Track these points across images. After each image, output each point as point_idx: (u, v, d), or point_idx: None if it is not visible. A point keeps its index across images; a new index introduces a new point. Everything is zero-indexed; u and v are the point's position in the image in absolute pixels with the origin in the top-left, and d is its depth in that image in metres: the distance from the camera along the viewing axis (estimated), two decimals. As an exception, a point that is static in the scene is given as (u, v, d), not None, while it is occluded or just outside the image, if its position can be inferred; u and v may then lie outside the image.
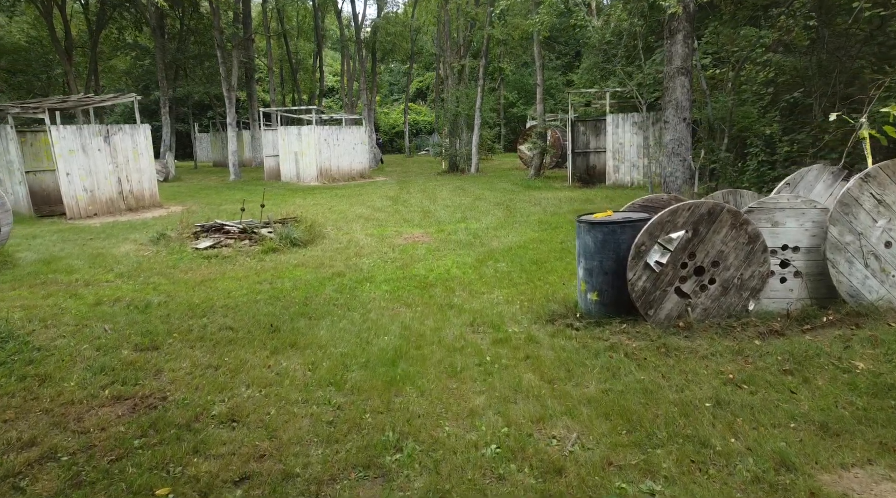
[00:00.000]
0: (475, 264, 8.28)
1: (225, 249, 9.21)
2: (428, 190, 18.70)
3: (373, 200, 16.34)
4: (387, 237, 10.48)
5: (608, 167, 17.86)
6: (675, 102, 10.30)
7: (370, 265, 8.45)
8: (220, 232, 9.87)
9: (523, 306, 6.25)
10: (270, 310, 6.32)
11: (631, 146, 17.49)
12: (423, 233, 10.80)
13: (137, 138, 15.06)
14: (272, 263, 8.67)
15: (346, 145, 23.68)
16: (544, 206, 13.86)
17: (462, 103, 25.51)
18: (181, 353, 5.09)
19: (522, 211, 13.25)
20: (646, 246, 5.10)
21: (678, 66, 10.22)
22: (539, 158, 21.64)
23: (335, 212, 14.09)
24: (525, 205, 14.30)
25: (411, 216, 13.09)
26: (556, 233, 10.28)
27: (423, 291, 7.06)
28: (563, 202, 14.56)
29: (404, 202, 15.76)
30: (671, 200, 6.00)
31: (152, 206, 15.44)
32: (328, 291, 7.08)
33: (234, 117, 23.83)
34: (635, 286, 5.13)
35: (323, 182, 22.43)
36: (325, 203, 15.98)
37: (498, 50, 41.69)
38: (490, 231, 10.71)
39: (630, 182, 17.58)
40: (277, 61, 44.26)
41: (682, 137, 10.33)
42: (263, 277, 7.81)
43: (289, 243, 9.50)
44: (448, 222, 12.02)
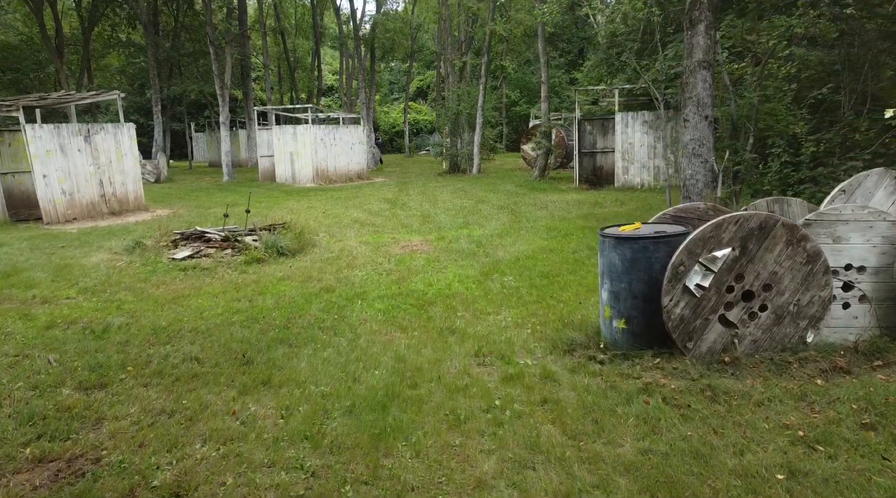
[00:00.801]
0: (479, 278, 7.46)
1: (204, 260, 8.41)
2: (428, 192, 17.88)
3: (370, 203, 15.52)
4: (383, 245, 9.67)
5: (617, 168, 17.04)
6: (696, 99, 9.48)
7: (363, 278, 7.64)
8: (200, 240, 9.06)
9: (535, 331, 5.44)
10: (245, 335, 5.51)
11: (641, 146, 16.67)
12: (422, 240, 9.99)
13: (121, 138, 14.26)
14: (255, 275, 7.86)
15: (343, 145, 22.87)
16: (551, 211, 13.04)
17: (463, 102, 24.69)
18: (132, 393, 4.28)
19: (528, 215, 12.43)
20: (685, 266, 4.28)
21: (699, 60, 9.39)
22: (544, 159, 20.82)
23: (329, 216, 13.28)
24: (531, 209, 13.48)
25: (410, 221, 12.27)
26: (566, 241, 9.46)
27: (420, 310, 6.24)
28: (570, 206, 13.74)
29: (403, 205, 14.95)
30: (709, 211, 5.18)
31: (137, 210, 14.64)
32: (314, 311, 6.27)
33: (228, 116, 23.02)
34: (672, 314, 4.31)
35: (319, 183, 21.63)
36: (319, 206, 15.17)
37: (500, 47, 40.89)
38: (494, 238, 9.89)
39: (640, 184, 16.76)
40: (275, 59, 43.47)
41: (704, 137, 9.51)
42: (243, 293, 7.00)
43: (275, 253, 8.69)
44: (449, 228, 11.21)
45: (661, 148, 16.52)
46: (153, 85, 25.13)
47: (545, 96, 20.82)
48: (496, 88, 40.17)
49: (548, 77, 20.91)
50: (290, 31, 42.59)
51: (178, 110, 37.60)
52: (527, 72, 43.00)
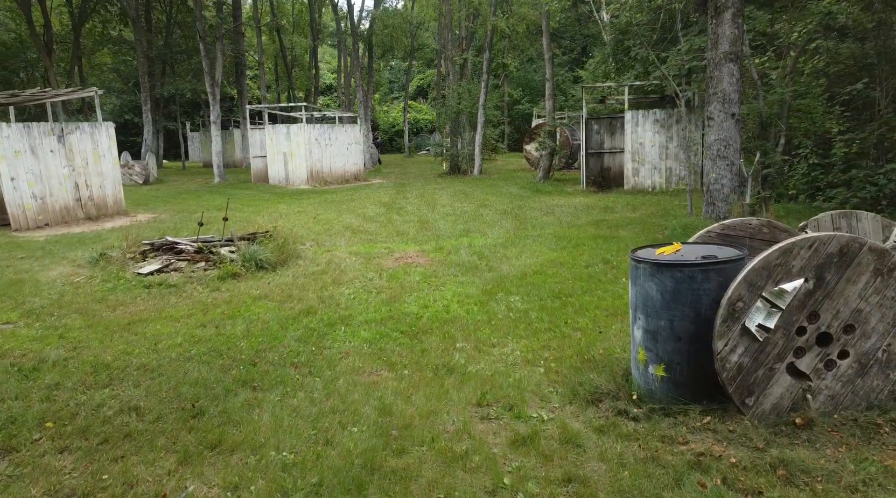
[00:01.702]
0: (482, 297, 6.55)
1: (173, 275, 7.50)
2: (427, 195, 16.97)
3: (365, 207, 14.61)
4: (375, 257, 8.76)
5: (626, 169, 16.11)
6: (722, 95, 8.57)
7: (350, 298, 6.73)
8: (171, 252, 8.16)
9: (550, 370, 4.53)
10: (203, 374, 4.60)
11: (652, 146, 15.75)
12: (418, 251, 9.07)
13: (99, 138, 13.36)
14: (228, 293, 6.95)
15: (339, 145, 21.97)
16: (559, 216, 12.12)
17: (464, 100, 23.77)
18: (41, 463, 3.37)
19: (534, 222, 11.51)
20: (744, 302, 3.37)
21: (726, 51, 8.48)
22: (548, 160, 19.90)
23: (320, 222, 12.37)
24: (536, 214, 12.57)
25: (406, 228, 11.36)
26: (577, 252, 8.54)
27: (413, 340, 5.33)
28: (579, 210, 12.82)
29: (400, 210, 14.03)
30: (762, 228, 4.26)
31: (116, 215, 13.74)
32: (289, 341, 5.36)
33: (219, 115, 22.12)
34: (727, 362, 3.40)
35: (314, 185, 20.73)
36: (311, 210, 14.26)
37: (502, 44, 39.93)
38: (498, 249, 8.97)
39: (651, 186, 15.83)
40: (272, 57, 42.57)
41: (730, 137, 8.60)
42: (210, 317, 6.09)
43: (254, 266, 7.78)
44: (448, 236, 10.29)
45: (673, 148, 15.61)
46: (142, 83, 24.24)
47: (550, 94, 19.90)
48: (498, 87, 39.22)
49: (553, 74, 19.99)
50: (288, 29, 41.71)
51: (174, 109, 36.71)
52: (529, 70, 42.06)
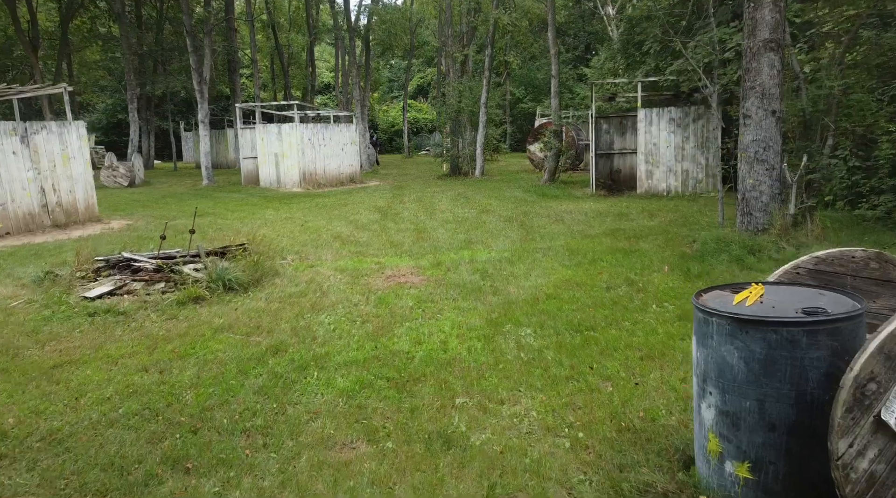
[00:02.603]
0: (486, 330, 5.47)
1: (126, 299, 6.43)
2: (425, 199, 15.89)
3: (358, 213, 13.53)
4: (363, 274, 7.67)
5: (639, 172, 15.02)
6: (761, 89, 7.47)
7: (329, 329, 5.65)
8: (127, 270, 7.08)
9: (578, 444, 3.45)
10: (124, 448, 3.53)
11: (668, 147, 14.66)
12: (413, 267, 7.99)
13: (68, 138, 12.29)
14: (186, 323, 5.87)
15: (333, 146, 20.89)
16: (569, 224, 11.03)
17: (465, 98, 22.69)
18: None
19: (542, 231, 10.43)
20: (879, 383, 2.29)
21: (765, 40, 7.39)
22: (554, 161, 18.81)
23: (308, 230, 11.29)
24: (544, 221, 11.48)
25: (401, 238, 10.28)
26: (595, 270, 7.45)
27: (401, 393, 4.25)
28: (590, 217, 11.73)
29: (395, 216, 12.95)
30: (870, 261, 3.16)
31: (88, 221, 12.67)
32: (247, 393, 4.29)
33: (207, 114, 21.06)
34: (853, 470, 2.31)
35: (307, 188, 19.65)
36: (299, 217, 13.18)
37: (504, 42, 38.84)
38: (504, 265, 7.89)
39: (666, 190, 14.74)
40: (268, 55, 41.51)
41: (770, 137, 7.51)
42: (157, 357, 5.01)
43: (221, 288, 6.71)
44: (448, 248, 9.21)
45: (690, 149, 14.52)
46: (128, 80, 23.20)
47: (555, 91, 18.81)
48: (500, 85, 38.11)
49: (558, 70, 18.90)
50: (284, 26, 40.64)
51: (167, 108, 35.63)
52: (532, 68, 40.97)
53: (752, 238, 7.38)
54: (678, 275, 6.97)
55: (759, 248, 7.16)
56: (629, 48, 17.42)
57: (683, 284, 6.61)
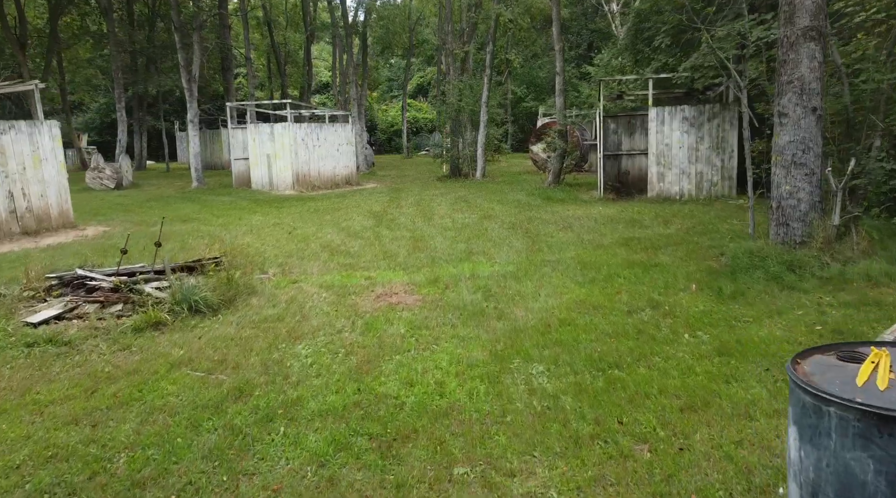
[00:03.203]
0: (490, 366, 4.62)
1: (74, 325, 5.58)
2: (424, 202, 15.04)
3: (351, 218, 12.68)
4: (351, 292, 6.82)
5: (650, 174, 14.16)
6: (800, 83, 6.62)
7: (306, 363, 4.81)
8: (82, 289, 6.24)
9: (615, 547, 2.60)
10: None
11: (680, 148, 13.80)
12: (407, 284, 7.13)
13: (39, 139, 11.44)
14: (139, 355, 5.03)
15: (328, 146, 20.05)
16: (578, 232, 10.18)
17: (465, 96, 21.83)
18: None
19: (550, 240, 9.57)
20: None
21: (805, 27, 6.54)
22: (558, 162, 17.95)
23: (295, 239, 10.44)
24: (551, 228, 10.62)
25: (396, 248, 9.42)
26: (612, 288, 6.59)
27: (386, 459, 3.40)
28: (601, 224, 10.87)
29: (391, 222, 12.10)
30: None
31: (61, 228, 11.82)
32: (194, 459, 3.44)
33: (196, 113, 20.21)
34: None
35: (300, 190, 18.81)
36: (288, 222, 12.33)
37: (505, 40, 37.96)
38: (509, 281, 7.03)
39: (679, 194, 13.88)
40: (265, 53, 40.68)
41: (810, 138, 6.65)
42: (95, 403, 4.17)
43: (186, 310, 5.86)
44: (446, 261, 8.35)
45: (704, 150, 13.66)
46: (115, 78, 22.35)
47: (560, 89, 17.94)
48: (501, 84, 37.23)
49: (563, 67, 18.04)
50: (280, 24, 39.80)
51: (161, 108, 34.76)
52: (534, 66, 40.10)
53: (790, 252, 6.52)
54: (708, 295, 6.12)
55: (799, 263, 6.31)
56: (637, 44, 16.56)
57: (716, 307, 5.76)
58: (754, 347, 4.73)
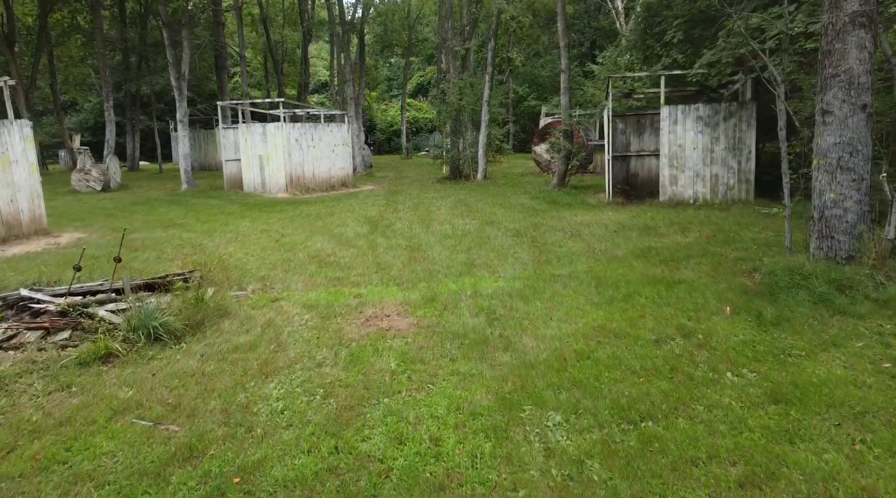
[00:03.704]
0: (497, 416, 3.82)
1: (11, 356, 4.79)
2: (422, 206, 14.24)
3: (345, 224, 11.88)
4: (337, 313, 6.02)
5: (662, 177, 13.35)
6: (847, 77, 5.82)
7: (276, 410, 4.01)
8: (26, 312, 5.43)
9: None
10: None
11: (694, 149, 12.99)
12: (400, 304, 6.33)
13: (8, 140, 10.65)
14: (79, 398, 4.23)
15: (323, 147, 19.25)
16: (588, 240, 9.37)
17: (466, 95, 21.03)
18: None
19: (558, 250, 8.76)
20: None
21: (854, 13, 5.74)
22: (564, 164, 17.14)
23: (283, 247, 9.65)
24: (558, 236, 9.82)
25: (390, 259, 8.62)
26: (632, 309, 5.79)
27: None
28: (612, 231, 10.07)
29: (386, 228, 11.30)
30: None
31: (33, 235, 11.03)
32: (112, 556, 2.64)
33: (186, 112, 19.41)
34: None
35: (293, 193, 18.01)
36: (277, 228, 11.53)
37: (506, 38, 37.14)
38: (516, 301, 6.23)
39: (693, 197, 13.07)
40: (262, 52, 39.87)
41: (858, 139, 5.85)
42: (3, 471, 3.37)
43: (145, 337, 5.07)
44: (445, 274, 7.55)
45: (720, 151, 12.85)
46: (103, 76, 21.55)
47: (565, 87, 17.13)
48: (502, 83, 36.41)
49: (569, 64, 17.22)
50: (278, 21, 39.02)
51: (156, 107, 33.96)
52: (536, 65, 39.28)
53: (838, 269, 5.71)
54: (746, 320, 5.31)
55: (849, 283, 5.50)
56: (647, 39, 15.77)
57: (758, 335, 4.96)
58: (815, 392, 3.93)
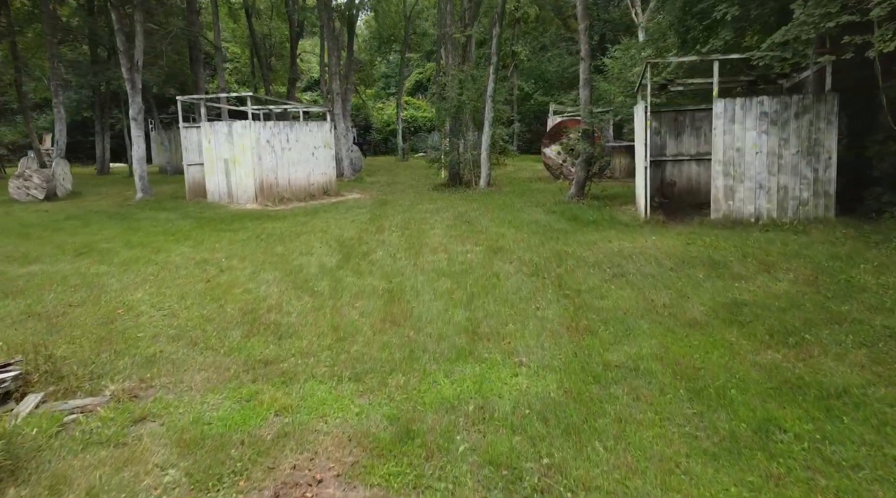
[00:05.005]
0: None
1: None
2: (413, 224, 11.51)
3: (310, 251, 9.16)
4: (228, 467, 3.28)
5: (715, 188, 10.58)
6: None
7: None
8: None
9: None
10: None
11: (757, 153, 10.24)
12: (351, 439, 3.56)
13: None
14: None
15: (301, 149, 16.52)
16: (639, 285, 6.62)
17: (467, 89, 18.29)
18: None
19: (602, 305, 6.01)
20: None
21: None
22: (584, 170, 14.38)
23: (211, 294, 6.91)
24: (595, 277, 7.07)
25: (357, 317, 5.88)
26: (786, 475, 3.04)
27: None
28: (668, 269, 7.32)
29: (363, 259, 8.57)
30: None
31: None
32: None
33: (141, 109, 16.67)
34: None
35: (265, 204, 15.28)
36: (221, 257, 8.81)
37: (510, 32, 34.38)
38: (557, 439, 3.47)
39: (754, 215, 10.32)
40: (248, 45, 37.12)
41: None
42: None
43: None
44: (435, 357, 4.80)
45: (790, 156, 10.11)
46: (51, 66, 18.81)
47: (586, 79, 14.35)
48: (506, 79, 33.65)
49: (590, 51, 14.45)
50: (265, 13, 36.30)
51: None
52: (542, 59, 36.52)
53: None
54: None
55: None
56: (687, 19, 13.02)
57: None
58: None
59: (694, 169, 13.24)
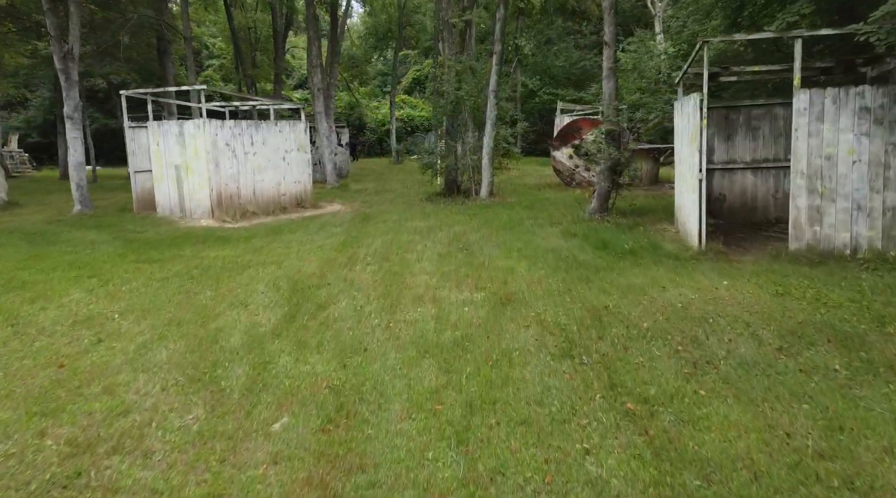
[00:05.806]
0: None
1: None
2: (396, 250, 8.90)
3: (246, 301, 6.55)
4: None
5: (795, 207, 7.93)
6: None
7: None
8: None
9: None
10: None
11: (855, 162, 7.62)
12: None
13: None
14: None
15: (269, 153, 13.91)
16: (737, 383, 3.99)
17: (466, 83, 15.67)
18: None
19: (697, 444, 3.39)
20: None
21: None
22: (608, 179, 11.71)
23: (56, 389, 4.30)
24: (661, 363, 4.46)
25: (260, 469, 3.26)
26: None
27: None
28: (774, 348, 4.70)
29: (316, 314, 5.96)
30: None
31: None
32: None
33: (77, 105, 14.09)
34: None
35: (223, 219, 12.67)
36: (121, 308, 6.20)
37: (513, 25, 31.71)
38: None
39: (849, 245, 7.69)
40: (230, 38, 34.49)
41: None
42: None
43: None
44: None
45: (900, 167, 7.48)
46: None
47: (610, 69, 11.70)
48: (509, 75, 30.98)
49: (615, 35, 11.80)
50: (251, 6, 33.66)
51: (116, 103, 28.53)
52: (547, 54, 33.85)
53: None
54: None
55: None
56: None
57: None
58: None
59: (749, 180, 10.62)
